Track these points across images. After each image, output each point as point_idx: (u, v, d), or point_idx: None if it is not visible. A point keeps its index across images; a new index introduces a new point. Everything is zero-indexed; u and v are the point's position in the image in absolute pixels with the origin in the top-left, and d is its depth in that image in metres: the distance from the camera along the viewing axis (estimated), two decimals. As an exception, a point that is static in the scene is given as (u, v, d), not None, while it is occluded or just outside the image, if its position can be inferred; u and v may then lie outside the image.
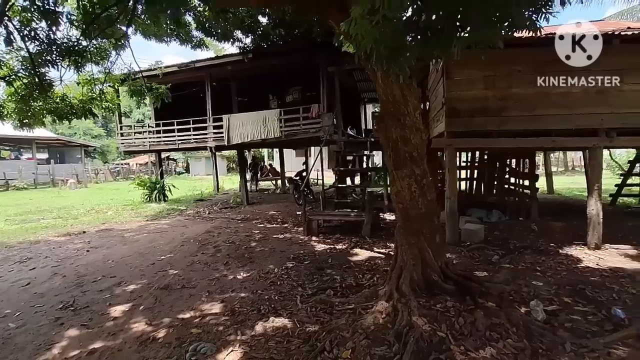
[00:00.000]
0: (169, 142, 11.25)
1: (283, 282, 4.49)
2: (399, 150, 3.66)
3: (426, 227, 3.68)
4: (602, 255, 5.27)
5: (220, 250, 6.15)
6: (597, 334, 2.93)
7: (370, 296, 3.66)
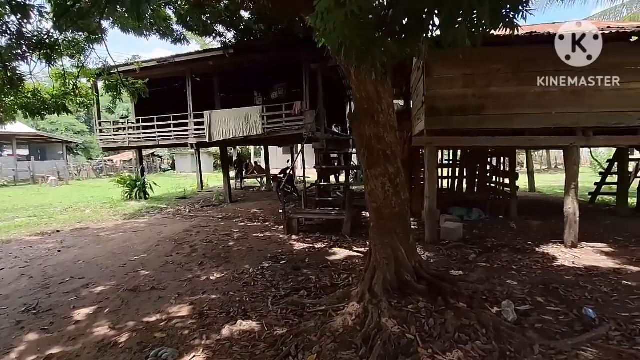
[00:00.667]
0: (148, 138, 10.97)
1: (257, 283, 4.38)
2: (372, 149, 3.58)
3: (399, 226, 3.61)
4: (579, 253, 5.31)
5: (196, 249, 6.00)
6: (567, 334, 2.91)
7: (342, 297, 3.58)
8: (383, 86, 3.60)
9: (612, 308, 3.43)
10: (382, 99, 3.58)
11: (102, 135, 11.66)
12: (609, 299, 3.65)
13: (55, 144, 28.53)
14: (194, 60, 9.55)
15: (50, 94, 6.92)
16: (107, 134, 11.74)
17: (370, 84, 3.53)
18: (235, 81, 12.48)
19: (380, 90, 3.57)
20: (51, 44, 5.92)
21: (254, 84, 13.30)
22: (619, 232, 6.39)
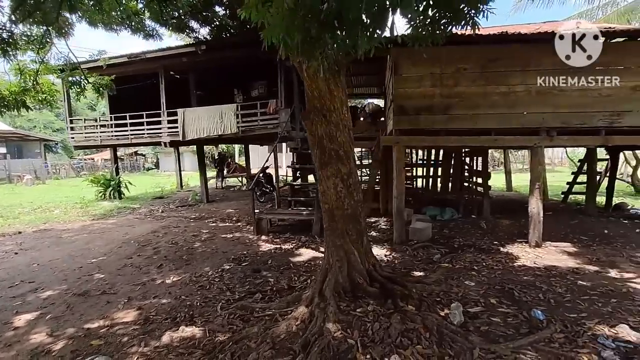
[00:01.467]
0: (121, 136, 10.68)
1: (212, 286, 4.26)
2: (324, 148, 3.49)
3: (352, 228, 3.54)
4: (541, 253, 5.33)
5: (159, 251, 5.83)
6: (511, 337, 2.87)
7: (293, 301, 3.48)
8: (336, 84, 3.51)
9: (562, 309, 3.42)
10: (335, 97, 3.50)
11: (73, 133, 11.31)
12: (562, 299, 3.65)
13: (32, 142, 27.69)
14: (167, 57, 9.30)
15: (8, 90, 6.65)
16: (78, 132, 11.39)
17: (322, 82, 3.44)
18: (213, 78, 12.26)
19: (333, 89, 3.49)
20: (7, 38, 5.68)
21: (233, 82, 13.08)
22: (585, 231, 6.46)
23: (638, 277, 4.32)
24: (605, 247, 5.51)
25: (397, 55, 5.73)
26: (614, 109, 5.18)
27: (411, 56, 5.68)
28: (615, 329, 2.98)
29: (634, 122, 5.15)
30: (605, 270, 4.54)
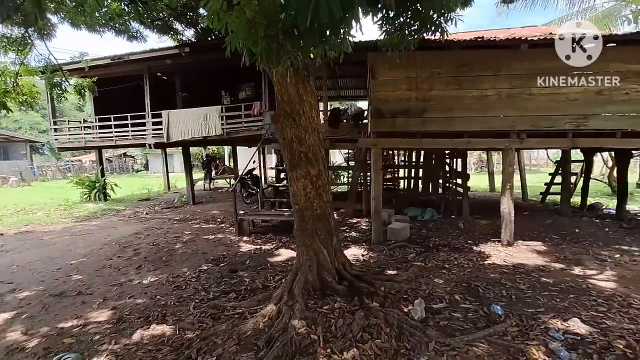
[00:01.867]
0: (106, 138, 10.65)
1: (188, 287, 4.34)
2: (293, 151, 3.61)
3: (321, 228, 3.65)
4: (512, 251, 5.51)
5: (139, 253, 5.87)
6: (467, 331, 3.01)
7: (263, 299, 3.58)
8: (305, 88, 3.63)
9: (522, 304, 3.58)
10: (304, 101, 3.61)
11: (57, 135, 11.24)
12: (523, 295, 3.81)
13: (18, 143, 27.27)
14: (151, 59, 9.32)
15: (-12, 91, 6.64)
16: (62, 134, 11.32)
17: (291, 86, 3.55)
18: (200, 80, 12.28)
19: (302, 93, 3.60)
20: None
21: (221, 84, 13.11)
22: (557, 230, 6.68)
23: (600, 273, 4.52)
24: (574, 246, 5.72)
25: (374, 59, 5.87)
26: (580, 113, 5.38)
27: (387, 61, 5.80)
28: (567, 322, 3.15)
29: (599, 125, 5.36)
30: (570, 268, 4.73)
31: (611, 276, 4.40)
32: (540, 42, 5.31)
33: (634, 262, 4.92)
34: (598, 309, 3.45)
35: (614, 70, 5.29)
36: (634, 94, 5.27)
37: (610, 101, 5.32)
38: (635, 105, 5.28)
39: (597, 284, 4.12)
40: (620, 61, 5.31)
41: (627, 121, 5.31)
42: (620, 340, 2.83)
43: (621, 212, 7.44)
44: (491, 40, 5.37)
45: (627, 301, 3.60)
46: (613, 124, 5.34)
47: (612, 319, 3.24)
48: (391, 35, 4.41)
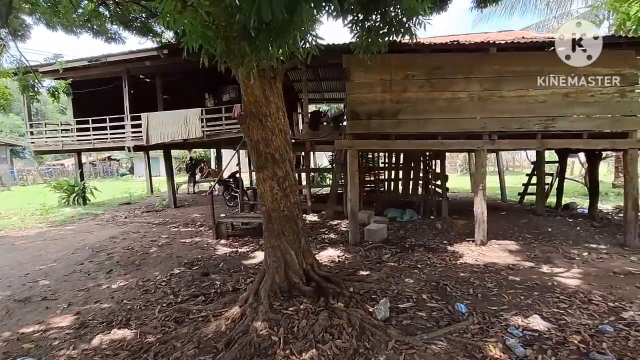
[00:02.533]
0: (84, 141, 10.46)
1: (158, 290, 4.28)
2: (260, 152, 3.60)
3: (288, 229, 3.65)
4: (485, 251, 5.59)
5: (112, 257, 5.77)
6: (429, 329, 3.04)
7: (230, 302, 3.56)
8: (272, 90, 3.64)
9: (486, 302, 3.63)
10: (271, 102, 3.62)
11: (33, 138, 10.99)
12: (489, 293, 3.87)
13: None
14: (129, 61, 9.20)
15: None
16: (39, 137, 11.08)
17: (258, 88, 3.55)
18: (182, 82, 12.17)
19: (269, 94, 3.61)
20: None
21: (204, 86, 13.03)
22: (531, 230, 6.80)
23: (567, 271, 4.62)
24: (545, 245, 5.83)
25: (349, 62, 5.92)
26: (548, 115, 5.52)
27: (362, 63, 5.82)
28: (528, 319, 3.21)
29: (566, 126, 5.50)
30: (539, 266, 4.82)
31: (577, 274, 4.50)
32: (508, 45, 5.43)
33: (600, 260, 5.04)
34: (560, 305, 3.53)
35: (579, 73, 5.44)
36: (599, 96, 5.43)
37: (576, 103, 5.47)
38: (600, 107, 5.44)
39: (563, 282, 4.21)
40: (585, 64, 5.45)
41: (592, 122, 5.46)
42: (576, 335, 2.90)
43: (593, 211, 7.63)
44: (461, 44, 5.47)
45: (588, 297, 3.69)
46: (579, 125, 5.48)
47: (572, 315, 3.32)
48: (361, 38, 4.48)
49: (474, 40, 5.49)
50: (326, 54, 6.71)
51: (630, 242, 5.45)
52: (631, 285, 4.05)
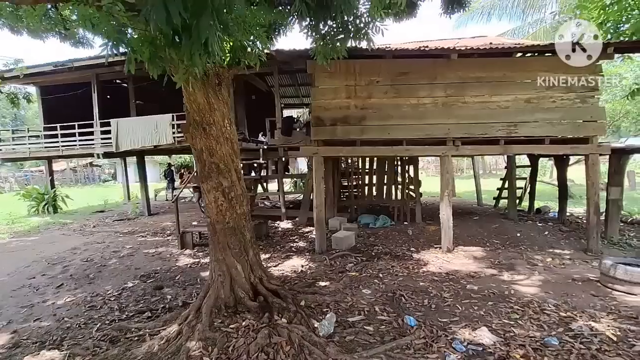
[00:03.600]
0: (52, 148, 10.14)
1: (104, 306, 4.09)
2: (204, 162, 3.47)
3: (235, 241, 3.52)
4: (451, 258, 5.54)
5: (67, 270, 5.54)
6: (372, 345, 2.94)
7: (171, 319, 3.40)
8: (217, 97, 3.51)
9: (438, 314, 3.55)
10: (215, 110, 3.49)
11: (0, 145, 10.63)
12: (443, 304, 3.79)
13: (-27, 154, 25.80)
14: (98, 65, 8.96)
15: None
16: (5, 144, 10.71)
17: (201, 96, 3.43)
18: (159, 87, 11.93)
19: (213, 102, 3.49)
20: None
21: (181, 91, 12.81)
22: (500, 235, 6.79)
23: (527, 278, 4.58)
24: (511, 250, 5.81)
25: (314, 67, 5.83)
26: (510, 120, 5.51)
27: (327, 69, 5.77)
28: (476, 332, 3.13)
29: (528, 132, 5.49)
30: (501, 273, 4.78)
31: (536, 281, 4.47)
32: (468, 52, 5.42)
33: (562, 266, 5.03)
34: (511, 316, 3.47)
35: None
36: (560, 102, 5.44)
37: (538, 109, 5.48)
38: (562, 113, 5.46)
39: (520, 290, 4.16)
40: (547, 70, 5.48)
41: (554, 128, 5.47)
42: (520, 349, 2.83)
43: (562, 215, 7.67)
44: (422, 50, 5.44)
45: (541, 307, 3.64)
46: (541, 130, 5.49)
47: (522, 326, 3.26)
48: (318, 44, 4.40)
49: (434, 47, 5.46)
50: (295, 58, 6.64)
51: (592, 247, 5.46)
52: (587, 293, 4.03)
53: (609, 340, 2.94)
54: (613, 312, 3.49)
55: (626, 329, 3.12)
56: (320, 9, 3.54)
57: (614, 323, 3.25)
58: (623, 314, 3.44)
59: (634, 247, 5.77)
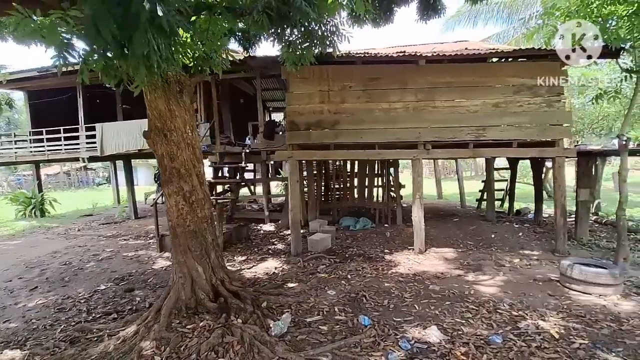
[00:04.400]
0: (37, 152, 10.22)
1: (73, 309, 4.17)
2: (165, 167, 3.57)
3: (195, 244, 3.61)
4: (422, 259, 5.64)
5: (44, 273, 5.62)
6: (321, 344, 3.03)
7: (132, 320, 3.49)
8: (178, 104, 3.62)
9: (395, 314, 3.65)
10: (177, 117, 3.60)
11: (-13, 150, 10.70)
12: (402, 304, 3.89)
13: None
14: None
15: None
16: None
17: (162, 102, 3.53)
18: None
19: (174, 109, 3.59)
20: None
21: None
22: (476, 236, 6.90)
23: (491, 279, 4.69)
24: (483, 252, 5.92)
25: (288, 73, 5.92)
26: (479, 124, 5.63)
27: (301, 74, 5.87)
28: (426, 330, 3.23)
29: (496, 135, 5.62)
30: (466, 274, 4.88)
31: (499, 281, 4.58)
32: (435, 58, 5.54)
33: (528, 267, 5.14)
34: (465, 315, 3.57)
35: (509, 84, 5.59)
36: (527, 106, 5.57)
37: (506, 113, 5.61)
38: (529, 117, 5.59)
39: (481, 290, 4.27)
40: (514, 75, 5.62)
41: (522, 132, 5.59)
42: (463, 347, 2.93)
43: (538, 217, 7.80)
44: (390, 57, 5.56)
45: (496, 306, 3.75)
46: (509, 134, 5.61)
47: (472, 325, 3.36)
48: (285, 51, 4.52)
49: (404, 53, 5.58)
50: (268, 64, 6.74)
51: (560, 248, 5.57)
52: (544, 293, 4.14)
53: (551, 338, 3.05)
54: (564, 311, 3.60)
55: (570, 327, 3.23)
56: (280, 18, 3.65)
57: (561, 322, 3.36)
58: (572, 313, 3.55)
59: (602, 248, 5.89)
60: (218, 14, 3.66)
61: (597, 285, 3.96)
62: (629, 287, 4.18)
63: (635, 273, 4.62)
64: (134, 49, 2.12)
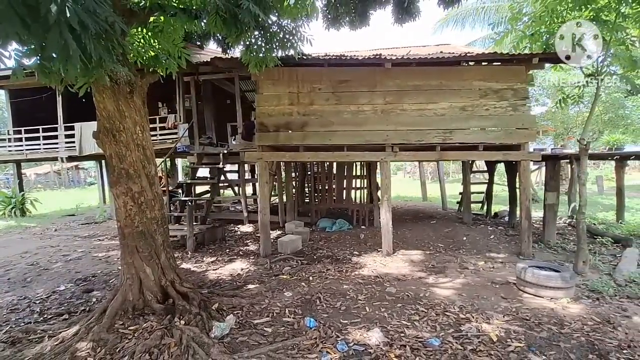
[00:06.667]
0: (16, 152, 10.17)
1: (27, 309, 4.15)
2: (114, 167, 3.57)
3: (144, 245, 3.60)
4: (389, 261, 5.65)
5: (8, 273, 5.58)
6: (260, 346, 3.03)
7: (77, 321, 3.47)
8: (128, 105, 3.61)
9: (343, 316, 3.65)
10: (126, 117, 3.59)
11: (-34, 149, 10.62)
12: (353, 306, 3.89)
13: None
14: (61, 70, 9.02)
15: None
16: (-29, 147, 10.71)
17: (111, 103, 3.52)
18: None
19: (124, 109, 3.58)
20: None
21: (158, 95, 12.86)
22: (448, 239, 6.92)
23: (450, 281, 4.71)
24: (449, 254, 5.94)
25: (258, 75, 5.94)
26: (446, 127, 5.66)
27: (271, 76, 5.92)
28: (368, 332, 3.24)
29: (463, 138, 5.65)
30: (427, 277, 4.90)
31: (457, 284, 4.59)
32: (402, 61, 5.58)
33: (490, 270, 5.16)
34: (412, 317, 3.59)
35: (475, 87, 5.62)
36: (493, 109, 5.61)
37: (472, 116, 5.64)
38: (495, 120, 5.62)
39: (436, 292, 4.28)
40: (481, 79, 5.65)
41: (488, 135, 5.63)
42: (399, 350, 2.94)
43: (512, 219, 7.84)
44: (355, 59, 5.57)
45: (445, 309, 3.76)
46: (476, 137, 5.64)
47: (416, 327, 3.37)
48: (245, 53, 4.53)
49: (370, 56, 5.60)
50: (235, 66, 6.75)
51: (525, 251, 5.61)
52: (498, 296, 4.16)
53: (489, 340, 3.06)
54: (510, 314, 3.62)
55: (511, 330, 3.24)
56: (233, 20, 3.66)
57: (505, 324, 3.38)
58: (518, 316, 3.56)
59: (567, 251, 5.92)
60: (172, 15, 3.68)
61: (549, 288, 3.98)
62: (582, 291, 4.21)
63: (593, 277, 4.65)
64: (48, 50, 2.12)
